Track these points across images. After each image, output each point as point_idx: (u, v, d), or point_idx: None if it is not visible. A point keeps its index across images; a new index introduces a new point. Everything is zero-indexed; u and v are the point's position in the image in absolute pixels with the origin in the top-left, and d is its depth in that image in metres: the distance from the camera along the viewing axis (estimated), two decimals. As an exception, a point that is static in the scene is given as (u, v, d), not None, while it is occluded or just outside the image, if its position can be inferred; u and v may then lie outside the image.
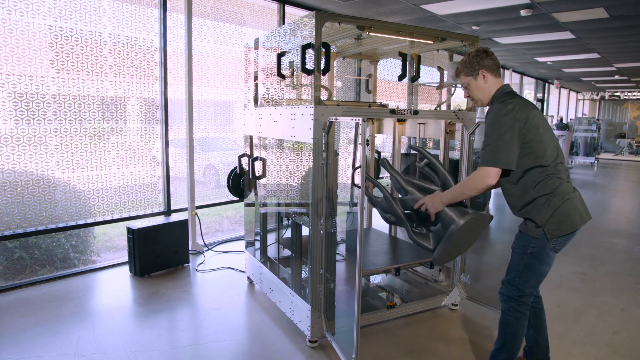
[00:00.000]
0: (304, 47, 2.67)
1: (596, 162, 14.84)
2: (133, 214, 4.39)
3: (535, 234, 2.20)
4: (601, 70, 12.19)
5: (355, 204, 4.62)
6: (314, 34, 2.61)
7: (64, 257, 4.47)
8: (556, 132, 13.88)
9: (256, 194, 3.78)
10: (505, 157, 2.12)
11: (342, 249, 4.12)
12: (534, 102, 15.51)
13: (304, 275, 3.24)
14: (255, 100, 3.71)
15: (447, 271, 3.50)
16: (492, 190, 7.76)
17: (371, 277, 3.88)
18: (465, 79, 2.38)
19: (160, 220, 4.31)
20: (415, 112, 2.95)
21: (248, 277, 3.98)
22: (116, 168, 4.23)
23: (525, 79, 13.80)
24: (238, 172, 3.94)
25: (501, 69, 12.08)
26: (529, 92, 15.57)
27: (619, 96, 20.50)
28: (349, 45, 3.76)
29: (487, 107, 2.39)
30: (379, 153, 4.23)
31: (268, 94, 3.61)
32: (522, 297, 2.28)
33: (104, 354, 2.76)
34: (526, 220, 2.25)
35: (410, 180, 2.59)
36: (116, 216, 4.29)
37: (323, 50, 2.63)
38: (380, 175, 5.15)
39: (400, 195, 2.61)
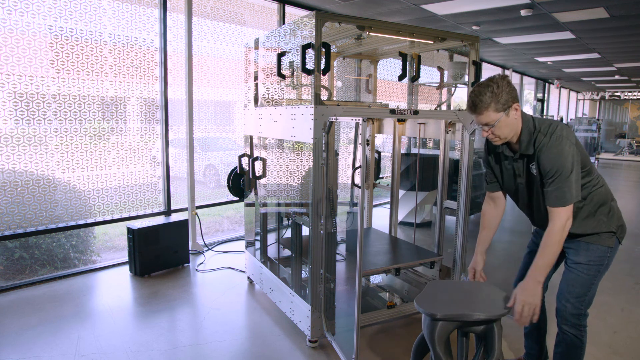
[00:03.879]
0: (304, 47, 2.67)
1: (596, 162, 14.87)
2: (133, 214, 4.39)
3: (611, 243, 2.11)
4: (601, 70, 12.18)
5: (355, 204, 4.62)
6: (314, 34, 2.61)
7: (64, 257, 4.47)
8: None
9: (256, 194, 3.78)
10: (576, 191, 1.93)
11: (342, 249, 4.12)
12: (534, 103, 15.57)
13: (304, 275, 3.24)
14: (256, 100, 3.71)
15: (447, 271, 3.50)
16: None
17: (371, 277, 3.88)
18: (495, 115, 1.93)
19: (160, 220, 4.31)
20: (416, 112, 2.95)
21: (248, 277, 3.98)
22: (116, 168, 4.23)
23: (525, 79, 13.80)
24: (238, 172, 3.94)
25: (502, 69, 11.97)
26: (529, 92, 15.59)
27: (619, 96, 20.51)
28: (349, 45, 3.76)
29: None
30: (379, 153, 4.24)
31: (268, 94, 3.61)
32: (588, 308, 2.17)
33: (104, 354, 2.76)
34: (596, 232, 2.10)
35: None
36: (116, 216, 4.29)
37: (323, 50, 2.63)
38: (381, 176, 5.15)
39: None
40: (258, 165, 3.59)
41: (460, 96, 8.89)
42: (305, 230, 2.99)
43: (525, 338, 2.57)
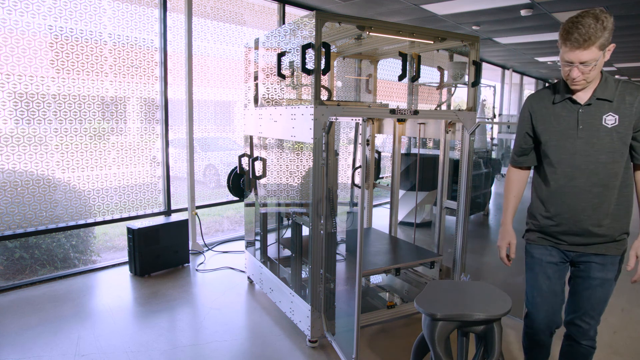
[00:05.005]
0: (304, 47, 2.67)
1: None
2: (133, 214, 4.39)
3: (626, 245, 1.91)
4: (601, 70, 12.17)
5: (355, 204, 4.62)
6: (314, 34, 2.61)
7: (64, 257, 4.47)
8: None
9: (256, 194, 3.78)
10: None
11: (342, 249, 4.12)
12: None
13: (304, 275, 3.25)
14: (256, 100, 3.71)
15: (447, 271, 3.50)
16: (493, 191, 7.74)
17: (371, 277, 3.88)
18: (598, 53, 1.69)
19: (160, 220, 4.31)
20: (416, 112, 2.95)
21: (248, 277, 3.98)
22: (116, 168, 4.24)
23: (526, 79, 13.80)
24: (238, 172, 3.94)
25: (502, 69, 11.91)
26: (529, 92, 15.57)
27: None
28: (349, 45, 3.76)
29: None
30: (379, 153, 4.24)
31: (268, 94, 3.61)
32: None
33: (104, 354, 2.76)
34: (618, 235, 1.90)
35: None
36: (116, 216, 4.29)
37: (323, 50, 2.63)
38: (381, 176, 5.15)
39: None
40: (258, 165, 3.59)
41: (460, 96, 8.89)
42: (305, 230, 2.99)
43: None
